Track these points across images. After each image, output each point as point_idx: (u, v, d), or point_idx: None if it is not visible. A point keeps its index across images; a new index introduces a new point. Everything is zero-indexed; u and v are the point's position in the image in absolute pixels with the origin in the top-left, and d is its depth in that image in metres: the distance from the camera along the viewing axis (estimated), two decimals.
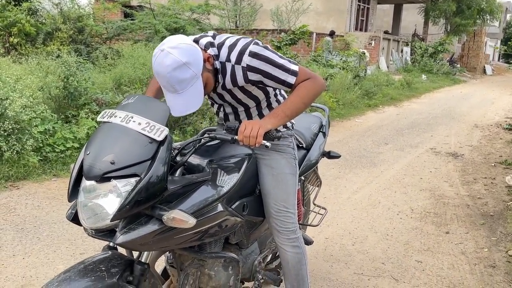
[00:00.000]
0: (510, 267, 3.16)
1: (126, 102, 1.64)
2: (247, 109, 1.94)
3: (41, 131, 4.89)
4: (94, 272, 1.47)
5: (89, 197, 1.50)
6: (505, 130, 8.64)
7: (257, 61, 1.72)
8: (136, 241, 1.50)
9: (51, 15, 10.54)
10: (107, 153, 1.48)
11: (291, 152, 2.06)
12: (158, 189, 1.49)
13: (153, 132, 1.51)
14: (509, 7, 44.76)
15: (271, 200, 2.00)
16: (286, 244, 2.04)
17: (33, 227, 3.39)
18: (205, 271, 1.88)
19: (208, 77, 1.73)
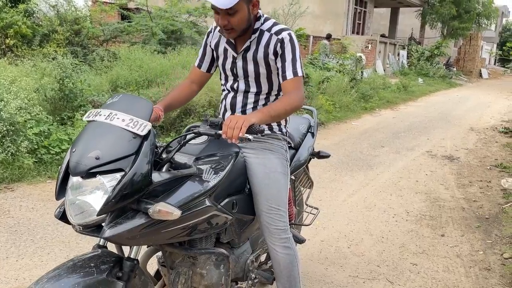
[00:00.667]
0: (505, 270, 3.17)
1: (111, 101, 1.67)
2: (258, 93, 2.01)
3: (36, 132, 4.87)
4: (83, 268, 1.49)
5: (76, 195, 1.52)
6: (500, 133, 8.67)
7: (289, 42, 1.91)
8: (123, 235, 1.51)
9: (48, 17, 10.52)
10: (92, 150, 1.50)
11: (284, 153, 2.10)
12: (143, 183, 1.52)
13: (137, 127, 1.55)
14: (505, 11, 45.06)
15: (262, 198, 2.01)
16: (277, 245, 2.04)
17: (27, 229, 3.37)
18: (197, 270, 1.88)
19: (243, 10, 1.83)
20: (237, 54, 1.99)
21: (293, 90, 1.90)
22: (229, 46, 2.01)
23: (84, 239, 3.26)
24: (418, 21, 26.45)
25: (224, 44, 2.03)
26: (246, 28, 1.91)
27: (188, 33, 11.07)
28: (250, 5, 1.86)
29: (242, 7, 1.81)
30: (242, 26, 1.88)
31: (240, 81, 2.02)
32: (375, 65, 19.08)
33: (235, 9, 1.80)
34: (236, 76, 2.03)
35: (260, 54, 1.94)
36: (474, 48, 27.96)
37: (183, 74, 7.43)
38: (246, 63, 1.97)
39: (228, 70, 2.04)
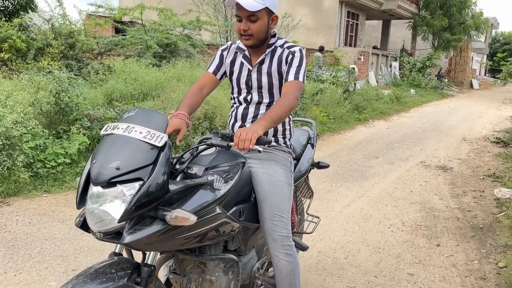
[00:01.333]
0: (500, 279, 3.20)
1: (127, 115, 1.76)
2: (270, 103, 2.14)
3: (32, 146, 4.86)
4: (105, 274, 1.57)
5: (96, 204, 1.60)
6: (492, 143, 8.77)
7: (299, 55, 2.09)
8: (141, 241, 1.59)
9: (43, 31, 10.56)
10: (112, 160, 1.58)
11: (288, 165, 2.21)
12: (160, 191, 1.60)
13: (154, 139, 1.64)
14: (495, 22, 45.78)
15: (266, 205, 2.08)
16: (280, 252, 2.09)
17: (24, 244, 3.36)
18: (206, 277, 1.95)
19: (263, 21, 2.02)
20: (252, 67, 2.13)
21: (289, 91, 2.03)
22: (245, 60, 2.16)
23: (82, 253, 3.26)
24: (409, 33, 26.81)
25: (240, 59, 2.18)
26: (263, 39, 2.07)
27: (182, 46, 11.15)
28: (270, 18, 2.05)
29: (263, 16, 2.01)
30: (260, 35, 2.04)
31: (254, 92, 2.15)
32: (368, 77, 19.27)
33: (257, 16, 1.99)
34: (250, 88, 2.15)
35: (274, 67, 2.10)
36: (464, 59, 28.33)
37: (178, 87, 7.48)
38: (261, 75, 2.12)
39: (243, 84, 2.16)
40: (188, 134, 6.18)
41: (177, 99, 6.71)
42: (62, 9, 10.98)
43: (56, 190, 4.61)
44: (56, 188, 4.66)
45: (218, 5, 17.15)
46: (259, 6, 1.96)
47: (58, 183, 4.75)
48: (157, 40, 10.86)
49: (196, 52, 11.80)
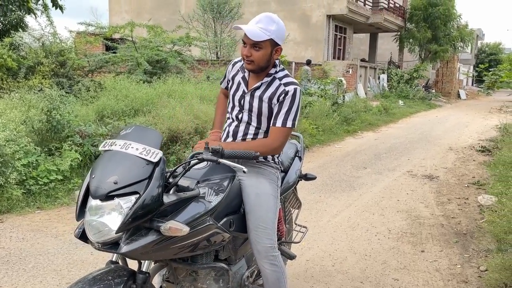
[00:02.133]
0: (481, 282, 3.32)
1: (124, 132, 1.88)
2: (258, 128, 2.25)
3: (25, 164, 4.93)
4: (102, 281, 1.67)
5: (94, 216, 1.70)
6: (478, 152, 8.96)
7: (291, 96, 2.16)
8: (137, 250, 1.71)
9: (33, 49, 10.66)
10: (110, 175, 1.70)
11: (275, 179, 2.32)
12: (155, 204, 1.71)
13: (149, 155, 1.76)
14: (480, 34, 46.68)
15: (252, 217, 2.20)
16: (265, 262, 2.20)
17: (19, 259, 3.43)
18: (198, 285, 2.06)
19: (266, 50, 2.13)
20: (247, 90, 2.25)
21: (273, 138, 2.18)
22: (243, 81, 2.29)
23: (76, 267, 3.33)
24: (396, 45, 27.29)
25: (239, 78, 2.31)
26: (263, 67, 2.18)
27: (173, 62, 11.30)
28: (274, 49, 2.15)
29: (267, 46, 2.11)
30: (262, 63, 2.16)
31: (245, 113, 2.27)
32: (357, 89, 19.55)
33: (260, 45, 2.10)
34: (242, 107, 2.28)
35: (266, 95, 2.20)
36: (451, 70, 28.85)
37: (169, 102, 7.59)
38: (253, 99, 2.23)
39: (237, 100, 2.30)
40: (179, 149, 6.28)
41: (168, 115, 6.82)
42: (53, 27, 11.11)
43: (49, 207, 4.68)
44: (49, 204, 4.72)
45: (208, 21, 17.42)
46: (263, 37, 2.08)
47: (50, 200, 4.81)
48: (148, 56, 11.00)
49: (186, 68, 11.95)
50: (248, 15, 20.16)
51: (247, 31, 2.07)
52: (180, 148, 6.29)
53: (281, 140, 2.19)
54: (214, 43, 17.43)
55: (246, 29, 2.07)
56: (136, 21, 12.58)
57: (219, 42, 17.49)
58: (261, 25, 2.09)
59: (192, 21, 17.24)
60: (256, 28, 2.08)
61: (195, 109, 7.14)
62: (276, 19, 2.13)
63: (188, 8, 21.57)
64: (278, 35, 2.12)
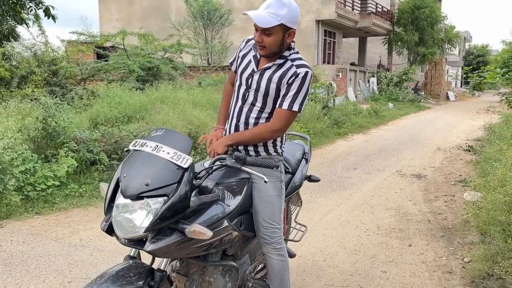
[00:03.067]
0: (465, 272, 3.49)
1: (155, 134, 1.98)
2: (262, 110, 2.25)
3: (22, 170, 5.04)
4: (125, 277, 1.78)
5: (122, 212, 1.81)
6: (465, 151, 9.18)
7: (301, 78, 2.14)
8: (162, 249, 1.82)
9: (25, 59, 10.75)
10: (142, 177, 1.81)
11: (278, 176, 2.37)
12: (182, 206, 1.83)
13: (180, 160, 1.85)
14: (467, 36, 47.35)
15: (260, 217, 2.32)
16: (273, 253, 2.35)
17: (21, 261, 3.54)
18: (206, 278, 2.18)
19: (278, 35, 2.09)
20: (257, 70, 2.24)
21: (276, 120, 2.19)
22: (254, 60, 2.27)
23: (76, 267, 3.45)
24: (385, 48, 27.66)
25: (250, 57, 2.30)
26: (276, 52, 2.15)
27: (165, 69, 11.44)
28: (287, 33, 2.11)
29: (277, 31, 2.07)
30: (274, 48, 2.13)
31: (251, 92, 2.26)
32: (347, 93, 19.80)
33: (271, 31, 2.06)
34: (249, 86, 2.26)
35: (276, 76, 2.18)
36: (439, 72, 29.27)
37: (162, 108, 7.73)
38: (261, 79, 2.21)
39: (244, 79, 2.29)
40: None
41: (162, 121, 6.96)
42: (44, 37, 11.22)
43: (47, 212, 4.78)
44: (47, 209, 4.83)
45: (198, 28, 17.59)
46: (273, 23, 2.02)
47: (48, 205, 4.92)
48: (140, 64, 11.14)
49: (178, 74, 12.11)
50: (238, 21, 20.38)
51: (254, 18, 2.02)
52: None
53: (284, 123, 2.17)
54: (205, 49, 17.60)
55: (253, 16, 2.03)
56: (127, 29, 12.74)
57: (210, 48, 17.67)
58: (270, 9, 2.02)
59: (183, 28, 17.40)
60: (265, 14, 2.02)
61: (188, 115, 7.28)
62: (287, 2, 2.04)
63: (178, 15, 21.74)
64: (290, 18, 2.05)
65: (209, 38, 18.56)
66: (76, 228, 4.35)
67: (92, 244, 3.92)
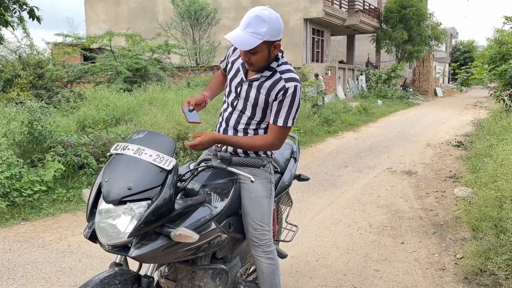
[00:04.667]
0: (457, 268, 3.48)
1: (136, 137, 1.91)
2: (251, 118, 2.23)
3: (8, 176, 4.93)
4: (110, 285, 1.71)
5: (105, 218, 1.75)
6: (454, 147, 9.23)
7: (291, 94, 2.12)
8: (147, 255, 1.76)
9: (10, 62, 10.59)
10: (124, 181, 1.74)
11: (268, 177, 2.34)
12: (167, 210, 1.76)
13: (163, 162, 1.79)
14: (454, 32, 47.76)
15: (249, 219, 2.28)
16: (262, 256, 2.30)
17: (7, 269, 3.45)
18: (196, 283, 2.12)
19: (263, 52, 2.06)
20: (246, 79, 2.22)
21: (274, 137, 2.19)
22: (242, 68, 2.25)
23: (64, 274, 3.38)
24: (373, 46, 27.78)
25: (239, 64, 2.27)
26: (264, 66, 2.14)
27: (153, 70, 11.34)
28: (272, 46, 2.08)
29: (262, 48, 2.04)
30: (261, 63, 2.12)
31: (240, 101, 2.24)
32: (336, 91, 19.84)
33: (255, 50, 2.03)
34: (238, 95, 2.25)
35: (265, 87, 2.16)
36: (427, 69, 29.51)
37: (151, 110, 7.65)
38: (250, 89, 2.19)
39: (233, 87, 2.27)
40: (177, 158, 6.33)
41: (150, 122, 6.89)
42: (29, 39, 11.06)
43: (34, 218, 4.69)
44: (34, 215, 4.73)
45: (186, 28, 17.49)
46: (254, 43, 1.98)
47: (35, 211, 4.82)
48: (127, 65, 11.04)
49: (167, 75, 12.01)
50: (225, 20, 20.32)
51: (235, 43, 1.99)
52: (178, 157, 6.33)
53: (282, 138, 2.21)
54: (193, 50, 17.51)
55: (233, 40, 1.99)
56: (114, 30, 12.61)
57: (198, 48, 17.59)
58: (250, 29, 1.98)
59: (170, 28, 17.29)
60: (245, 35, 1.98)
61: (176, 116, 7.20)
62: (267, 17, 1.99)
63: (166, 15, 21.60)
64: (273, 32, 2.01)
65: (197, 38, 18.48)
66: (64, 233, 4.26)
67: (81, 250, 3.84)
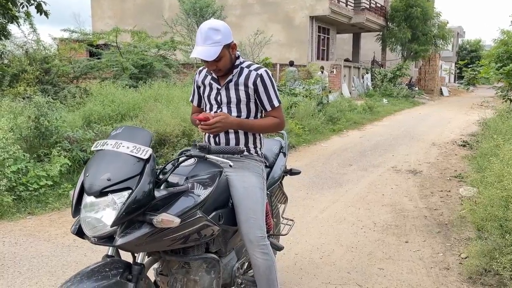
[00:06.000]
0: (462, 268, 3.47)
1: (115, 133, 1.98)
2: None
3: (14, 170, 4.96)
4: (100, 273, 1.77)
5: (90, 212, 1.80)
6: (460, 146, 9.20)
7: (267, 77, 2.34)
8: (132, 243, 1.81)
9: (17, 57, 10.63)
10: (103, 173, 1.80)
11: (260, 172, 2.45)
12: (147, 198, 1.82)
13: (140, 152, 1.86)
14: (461, 31, 47.50)
15: (241, 209, 2.31)
16: (257, 251, 2.31)
17: (13, 263, 3.48)
18: (191, 277, 2.16)
19: (226, 55, 2.25)
20: (221, 86, 2.36)
21: (278, 116, 2.39)
22: (213, 81, 2.40)
23: (70, 268, 3.40)
24: (379, 44, 27.67)
25: (209, 80, 2.42)
26: (230, 67, 2.32)
27: (158, 67, 11.35)
28: (230, 48, 2.26)
29: (224, 53, 2.23)
30: (227, 66, 2.29)
31: (223, 107, 2.37)
32: (341, 89, 19.79)
33: (219, 56, 2.21)
34: (220, 103, 2.38)
35: (240, 81, 2.32)
36: (433, 68, 29.37)
37: (156, 106, 7.66)
38: (229, 91, 2.34)
39: (213, 100, 2.40)
40: (168, 151, 6.37)
41: (155, 119, 6.91)
42: (36, 35, 11.09)
43: (40, 212, 4.72)
44: (40, 209, 4.77)
45: (191, 25, 17.49)
46: (218, 50, 2.18)
47: (41, 205, 4.86)
48: (133, 61, 11.05)
49: (172, 72, 12.03)
50: (231, 17, 20.31)
51: (203, 57, 2.18)
52: (168, 151, 6.37)
53: (283, 115, 2.43)
54: None
55: (201, 55, 2.18)
56: (120, 26, 12.63)
57: None
58: (209, 41, 2.17)
59: (176, 25, 17.30)
60: (207, 48, 2.17)
61: (181, 112, 7.22)
62: (218, 26, 2.20)
63: (171, 12, 21.60)
64: (226, 37, 2.22)
65: None
66: (70, 228, 4.28)
67: (86, 244, 3.86)
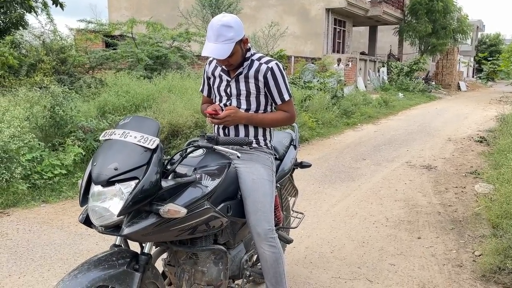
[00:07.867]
0: (475, 266, 3.42)
1: (123, 122, 1.98)
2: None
3: (29, 159, 5.04)
4: (107, 262, 1.78)
5: (97, 202, 1.80)
6: (476, 142, 9.04)
7: (278, 71, 2.30)
8: (139, 232, 1.81)
9: (34, 47, 10.73)
10: (111, 162, 1.80)
11: (269, 164, 2.43)
12: (154, 188, 1.81)
13: (147, 142, 1.85)
14: (480, 25, 46.55)
15: (250, 201, 2.29)
16: (265, 244, 2.30)
17: (26, 250, 3.53)
18: (198, 268, 2.17)
19: (238, 50, 2.22)
20: (231, 78, 2.34)
21: (289, 109, 2.38)
22: (223, 73, 2.37)
23: (82, 256, 3.44)
24: (396, 38, 27.27)
25: (219, 71, 2.39)
26: (242, 61, 2.29)
27: (173, 58, 11.36)
28: (242, 43, 2.23)
29: (236, 49, 2.20)
30: (239, 60, 2.27)
31: (233, 99, 2.35)
32: (356, 82, 19.60)
33: (232, 53, 2.18)
34: (229, 95, 2.36)
35: (251, 74, 2.29)
36: (451, 62, 28.84)
37: (170, 97, 7.68)
38: (239, 83, 2.32)
39: (223, 91, 2.38)
40: (180, 142, 6.38)
41: (168, 110, 6.92)
42: (53, 25, 11.18)
43: (54, 200, 4.78)
44: (54, 198, 4.83)
45: (206, 16, 17.45)
46: (230, 48, 2.15)
47: (55, 193, 4.92)
48: (148, 53, 11.07)
49: (187, 63, 12.02)
50: (247, 9, 20.19)
51: (215, 56, 2.16)
52: (181, 142, 6.38)
53: (294, 109, 2.42)
54: None
55: (213, 54, 2.15)
56: (135, 17, 12.65)
57: None
58: (222, 38, 2.14)
59: (191, 17, 17.28)
60: (220, 45, 2.14)
61: (195, 104, 7.22)
62: (230, 22, 2.15)
63: (187, 3, 21.58)
64: (238, 33, 2.18)
65: None
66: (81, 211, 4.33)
67: (98, 233, 3.88)
